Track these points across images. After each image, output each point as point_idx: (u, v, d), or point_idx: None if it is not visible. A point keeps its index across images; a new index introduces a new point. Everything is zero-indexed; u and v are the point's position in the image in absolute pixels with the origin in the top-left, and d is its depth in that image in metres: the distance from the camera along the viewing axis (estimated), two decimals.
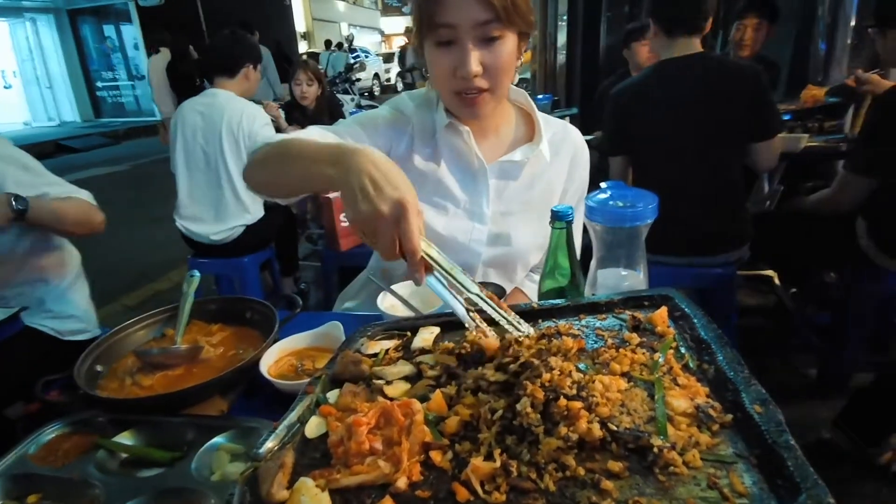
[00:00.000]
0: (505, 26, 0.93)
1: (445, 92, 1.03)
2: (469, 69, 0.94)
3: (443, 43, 0.95)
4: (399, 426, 0.52)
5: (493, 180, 1.15)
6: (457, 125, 1.09)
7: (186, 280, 1.10)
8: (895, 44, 1.84)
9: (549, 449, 0.46)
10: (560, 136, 1.20)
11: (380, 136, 1.11)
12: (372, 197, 0.63)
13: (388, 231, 0.62)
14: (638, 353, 0.57)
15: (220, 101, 2.49)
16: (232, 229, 2.61)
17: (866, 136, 1.90)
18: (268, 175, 0.92)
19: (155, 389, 0.87)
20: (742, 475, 0.42)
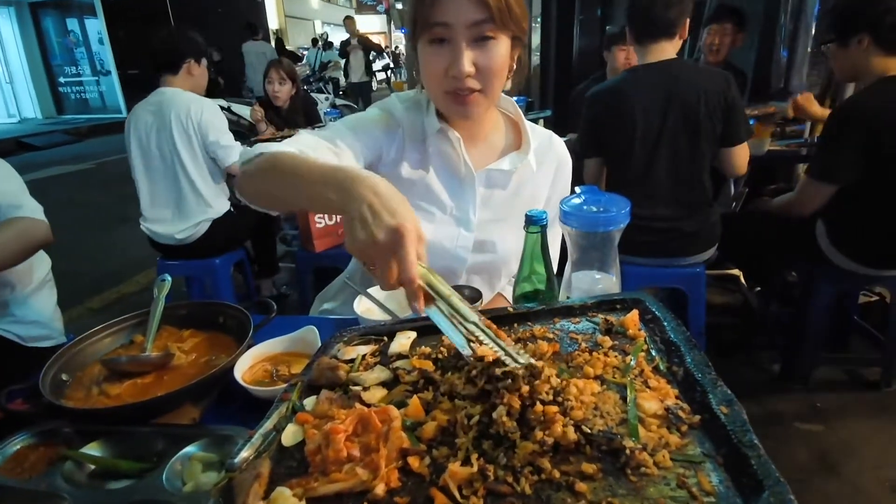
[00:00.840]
0: (499, 28, 0.94)
1: (437, 91, 1.02)
2: (462, 68, 0.94)
3: (436, 41, 0.95)
4: (377, 433, 0.52)
5: (481, 188, 1.15)
6: (447, 131, 1.09)
7: (157, 284, 1.08)
8: (848, 61, 1.93)
9: (525, 453, 0.47)
10: (545, 145, 1.21)
11: (371, 140, 1.09)
12: (369, 224, 0.62)
13: (385, 259, 0.61)
14: (610, 357, 0.59)
15: (168, 97, 2.46)
16: (196, 226, 2.56)
17: (824, 145, 1.99)
18: (263, 188, 0.90)
19: (123, 399, 0.84)
20: (709, 474, 0.43)
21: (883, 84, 1.83)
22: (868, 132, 1.81)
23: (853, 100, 1.96)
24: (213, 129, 2.46)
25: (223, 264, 2.79)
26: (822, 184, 1.95)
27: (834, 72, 2.08)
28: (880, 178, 1.87)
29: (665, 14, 1.91)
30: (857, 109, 1.87)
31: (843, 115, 1.92)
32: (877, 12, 1.79)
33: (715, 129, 1.98)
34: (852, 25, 1.86)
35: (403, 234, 0.61)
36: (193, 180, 2.49)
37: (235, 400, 0.89)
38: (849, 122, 1.86)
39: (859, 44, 1.85)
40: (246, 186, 0.93)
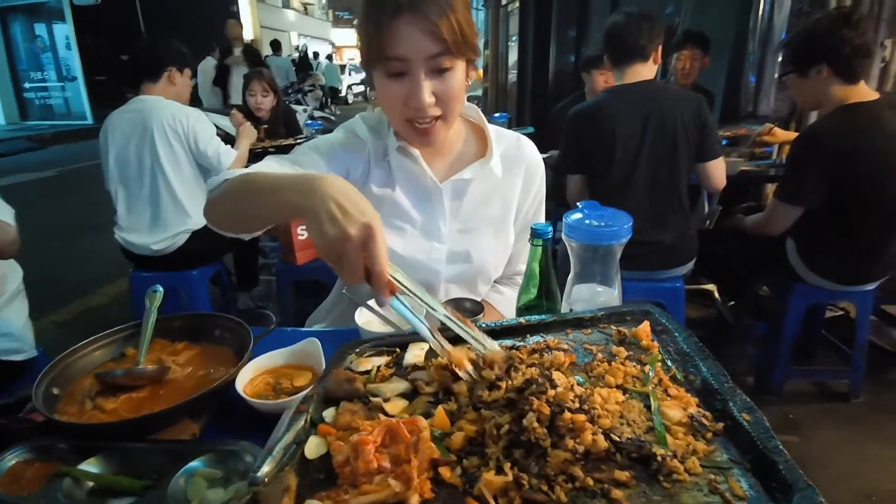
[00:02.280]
0: (455, 57, 0.95)
1: (397, 119, 1.03)
2: (423, 100, 0.95)
3: (393, 74, 0.96)
4: (406, 444, 0.52)
5: (448, 198, 1.16)
6: (407, 148, 1.10)
7: (148, 296, 1.05)
8: (808, 90, 2.04)
9: (558, 461, 0.48)
10: (513, 150, 1.21)
11: (337, 162, 1.10)
12: (339, 220, 0.63)
13: (355, 254, 0.62)
14: (628, 366, 0.60)
15: (149, 105, 2.41)
16: (174, 237, 2.50)
17: (791, 168, 2.09)
18: (230, 210, 0.91)
19: (119, 413, 0.81)
20: (739, 480, 0.45)
21: (843, 111, 1.93)
22: (830, 158, 1.91)
23: (815, 127, 2.06)
24: (204, 137, 2.42)
25: (200, 277, 2.73)
26: (790, 206, 2.05)
27: (796, 101, 2.19)
28: (844, 200, 1.97)
29: (637, 39, 2.01)
30: (819, 136, 1.98)
31: (806, 141, 2.02)
32: (834, 44, 1.89)
33: (691, 146, 2.08)
34: (811, 57, 1.96)
35: (374, 230, 0.63)
36: (174, 190, 2.44)
37: (236, 414, 0.87)
38: (812, 149, 1.96)
39: (818, 74, 1.95)
40: (213, 213, 0.94)
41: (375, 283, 0.63)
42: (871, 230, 2.01)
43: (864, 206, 1.97)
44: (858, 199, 1.95)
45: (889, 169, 1.90)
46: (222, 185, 0.90)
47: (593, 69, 3.06)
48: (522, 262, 1.30)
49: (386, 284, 0.63)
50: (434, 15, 0.90)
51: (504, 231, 1.22)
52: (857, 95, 1.94)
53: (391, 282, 0.64)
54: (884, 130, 1.89)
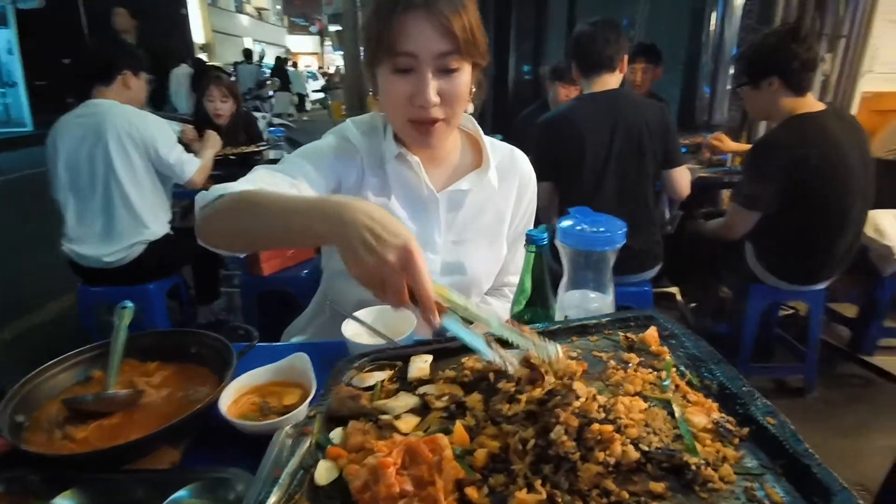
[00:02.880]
0: (464, 58, 0.95)
1: (398, 119, 1.01)
2: (428, 99, 0.94)
3: (400, 70, 0.94)
4: (428, 464, 0.49)
5: (444, 209, 1.14)
6: (406, 155, 1.08)
7: (117, 312, 0.97)
8: (760, 102, 2.15)
9: (590, 475, 0.46)
10: (507, 161, 1.21)
11: (329, 170, 1.06)
12: (374, 247, 0.61)
13: (397, 279, 0.61)
14: (643, 373, 0.59)
15: (103, 109, 2.28)
16: (129, 248, 2.37)
17: (748, 176, 2.19)
18: (231, 229, 0.86)
19: (91, 442, 0.74)
20: (774, 486, 0.45)
21: (793, 121, 2.04)
22: (784, 165, 2.01)
23: (769, 136, 2.17)
24: (164, 144, 2.31)
25: (157, 291, 2.59)
26: (748, 211, 2.14)
27: (748, 111, 2.30)
28: (797, 205, 2.07)
29: (605, 50, 2.07)
30: (773, 145, 2.08)
31: (761, 150, 2.13)
32: (785, 58, 2.00)
33: (656, 153, 2.14)
34: (763, 70, 2.06)
35: (413, 252, 0.61)
36: (129, 199, 2.30)
37: (220, 438, 0.82)
38: (767, 157, 2.06)
39: (770, 86, 2.06)
40: (208, 231, 0.89)
41: (421, 305, 0.61)
42: (821, 233, 2.12)
43: (814, 211, 2.07)
44: (809, 204, 2.06)
45: (836, 176, 2.01)
46: (217, 201, 0.85)
47: (558, 81, 3.13)
48: (512, 274, 1.30)
49: (433, 305, 0.61)
50: (448, 11, 0.89)
51: (497, 242, 1.21)
52: (805, 106, 2.05)
53: (438, 301, 0.62)
54: (830, 140, 2.00)
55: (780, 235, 2.17)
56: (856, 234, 2.18)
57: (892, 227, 2.58)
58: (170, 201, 2.58)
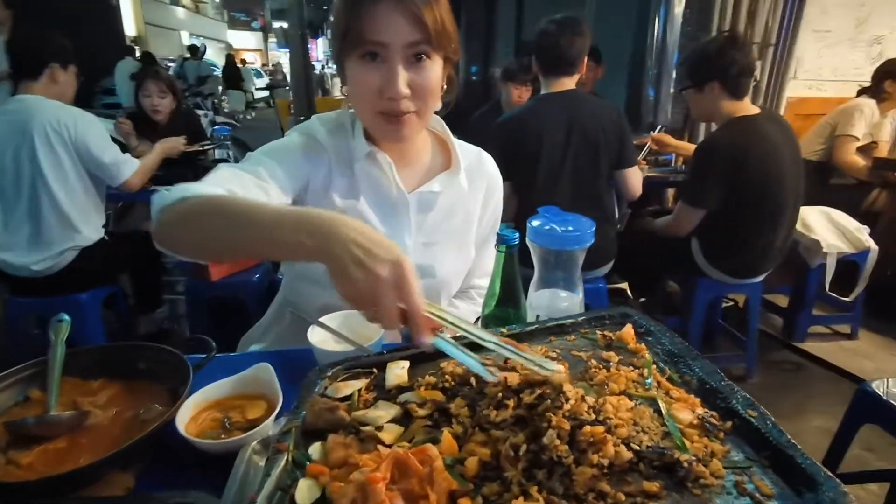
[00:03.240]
0: (434, 49, 0.93)
1: (368, 111, 0.98)
2: (399, 90, 0.91)
3: (369, 59, 0.92)
4: (419, 476, 0.47)
5: (414, 211, 1.11)
6: (376, 154, 1.05)
7: (52, 326, 0.89)
8: (702, 104, 2.26)
9: (585, 478, 0.45)
10: (475, 164, 1.20)
11: (297, 169, 1.01)
12: (365, 263, 0.58)
13: (389, 296, 0.58)
14: (626, 371, 0.60)
15: (29, 106, 2.11)
16: (59, 255, 2.20)
17: (692, 176, 2.30)
18: (196, 238, 0.79)
19: (35, 468, 0.67)
20: (762, 478, 0.46)
21: (733, 124, 2.16)
22: (726, 165, 2.12)
23: (712, 138, 2.29)
24: (97, 143, 2.15)
25: (91, 301, 2.41)
26: (694, 209, 2.24)
27: (691, 113, 2.41)
28: (737, 203, 2.19)
29: (568, 51, 2.10)
30: (716, 146, 2.20)
31: (705, 150, 2.24)
32: (724, 64, 2.12)
33: (611, 153, 2.20)
34: (704, 74, 2.18)
35: (405, 267, 0.59)
36: (58, 202, 2.13)
37: (177, 459, 0.76)
38: (711, 157, 2.18)
39: (711, 90, 2.17)
40: (168, 237, 0.81)
41: (413, 324, 0.58)
42: (760, 229, 2.25)
43: (752, 208, 2.20)
44: (748, 201, 2.18)
45: (772, 175, 2.15)
46: (180, 204, 0.78)
47: (510, 81, 3.16)
48: (478, 276, 1.29)
49: (425, 323, 0.58)
50: (418, 1, 0.87)
51: (466, 245, 1.20)
52: (743, 110, 2.17)
53: (429, 318, 0.59)
54: (766, 141, 2.13)
55: (724, 232, 2.28)
56: (789, 230, 2.33)
57: (817, 223, 2.78)
58: (103, 203, 2.41)
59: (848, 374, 2.62)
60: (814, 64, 3.69)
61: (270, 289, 2.57)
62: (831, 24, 3.61)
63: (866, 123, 3.14)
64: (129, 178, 2.27)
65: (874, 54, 3.79)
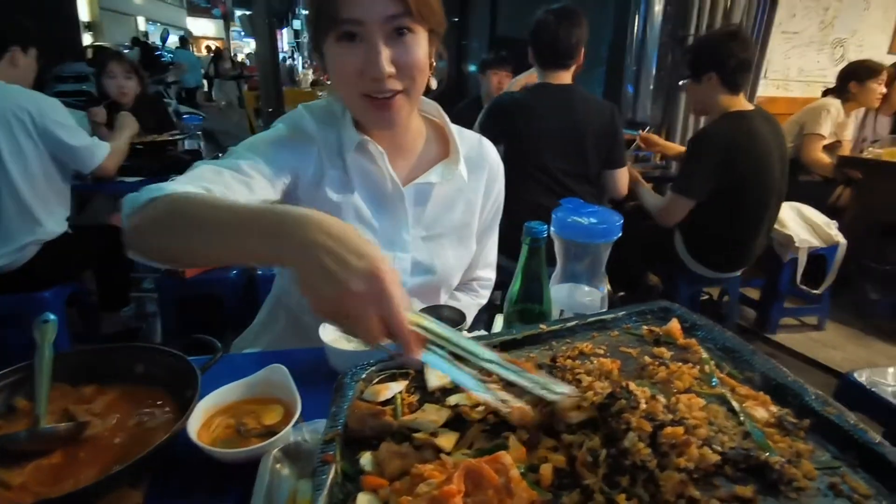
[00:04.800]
0: (416, 21, 0.86)
1: (352, 95, 0.91)
2: (381, 69, 0.84)
3: (346, 40, 0.85)
4: (495, 487, 0.43)
5: (410, 204, 1.05)
6: (368, 144, 0.98)
7: (37, 327, 0.81)
8: (700, 95, 2.28)
9: (673, 483, 0.43)
10: (476, 151, 1.15)
11: (283, 162, 0.93)
12: (336, 275, 0.51)
13: (366, 312, 0.51)
14: (687, 369, 0.57)
15: None
16: (20, 250, 2.05)
17: (685, 165, 2.32)
18: (162, 245, 0.71)
19: (30, 489, 0.60)
20: (855, 478, 0.44)
21: (728, 118, 2.19)
22: (718, 157, 2.15)
23: (707, 129, 2.31)
24: (62, 129, 2.00)
25: (54, 299, 2.25)
26: (684, 198, 2.25)
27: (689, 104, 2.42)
28: (726, 197, 2.22)
29: (567, 42, 2.07)
30: (708, 139, 2.23)
31: (697, 143, 2.27)
32: (723, 55, 2.14)
33: (601, 152, 2.19)
34: (703, 64, 2.20)
35: (382, 277, 0.51)
36: (19, 192, 1.98)
37: (186, 470, 0.70)
38: (705, 148, 2.20)
39: (709, 81, 2.19)
40: (138, 242, 0.73)
41: (399, 341, 0.52)
42: (744, 225, 2.30)
43: (738, 203, 2.24)
44: (735, 195, 2.22)
45: (760, 171, 2.19)
46: (147, 205, 0.70)
47: (489, 70, 3.15)
48: (481, 268, 1.25)
49: (411, 341, 0.52)
50: None
51: (467, 237, 1.15)
52: (739, 105, 2.21)
53: (416, 333, 0.53)
54: (758, 138, 2.17)
55: (708, 227, 2.32)
56: (770, 225, 2.40)
57: (791, 219, 2.87)
58: (69, 194, 2.25)
59: (818, 363, 2.72)
60: (782, 65, 3.81)
61: (248, 286, 2.46)
62: (798, 25, 3.74)
63: (832, 123, 3.26)
64: (104, 162, 2.13)
65: (837, 56, 3.95)
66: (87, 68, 6.75)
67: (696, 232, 2.38)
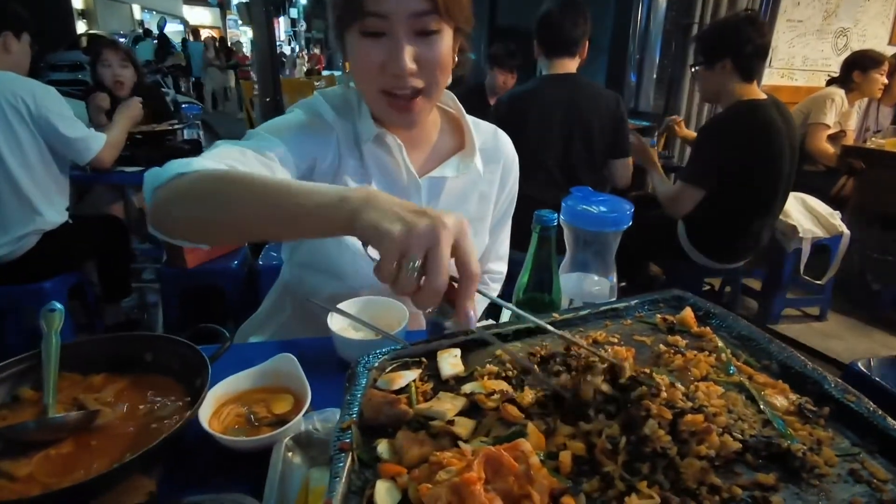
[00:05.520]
0: (443, 19, 0.84)
1: (372, 91, 0.90)
2: (403, 66, 0.83)
3: (370, 34, 0.84)
4: (515, 474, 0.43)
5: (425, 196, 1.05)
6: (385, 136, 0.97)
7: (44, 316, 0.80)
8: (712, 82, 2.23)
9: (694, 471, 0.42)
10: (491, 143, 1.14)
11: (301, 148, 0.92)
12: (427, 212, 0.50)
13: (447, 245, 0.49)
14: (704, 357, 0.57)
15: None
16: (20, 240, 2.04)
17: (696, 154, 2.28)
18: (194, 216, 0.69)
19: (38, 479, 0.59)
20: (874, 463, 0.44)
21: (741, 106, 2.14)
22: (729, 145, 2.12)
23: (719, 117, 2.27)
24: (59, 118, 1.98)
25: (56, 289, 2.24)
26: (693, 187, 2.21)
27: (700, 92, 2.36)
28: (734, 187, 2.19)
29: (572, 32, 2.06)
30: (720, 127, 2.19)
31: (709, 130, 2.24)
32: (739, 41, 2.09)
33: (605, 141, 2.18)
34: (718, 51, 2.14)
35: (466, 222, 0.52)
36: (17, 182, 1.96)
37: (197, 458, 0.70)
38: (714, 137, 2.17)
39: (723, 68, 2.14)
40: (165, 218, 0.72)
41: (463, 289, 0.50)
42: (749, 216, 2.28)
43: (744, 194, 2.22)
44: (742, 187, 2.19)
45: (770, 162, 2.16)
46: (175, 181, 0.69)
47: (496, 67, 3.13)
48: (493, 261, 1.25)
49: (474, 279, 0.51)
50: None
51: (481, 230, 1.14)
52: (752, 94, 2.16)
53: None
54: (770, 127, 2.13)
55: (712, 217, 2.29)
56: (776, 217, 2.38)
57: (793, 208, 2.87)
58: (67, 183, 2.23)
59: (820, 354, 2.73)
60: (786, 53, 3.78)
61: (249, 277, 2.45)
62: (803, 14, 3.71)
63: (836, 112, 3.25)
64: (100, 154, 2.11)
65: (840, 45, 3.92)
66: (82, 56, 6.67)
67: (698, 222, 2.36)
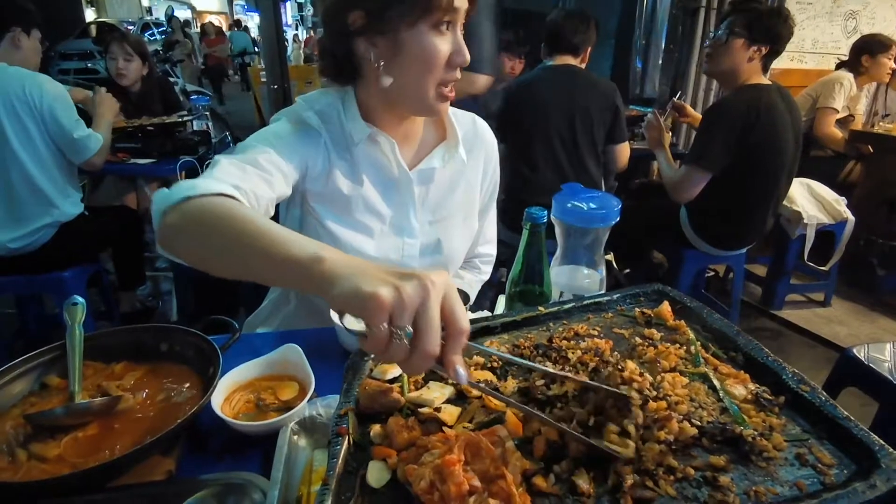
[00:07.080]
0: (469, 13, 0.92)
1: (430, 84, 0.91)
2: (466, 57, 0.90)
3: (438, 27, 0.88)
4: (492, 457, 0.47)
5: (417, 188, 1.08)
6: (378, 136, 1.00)
7: (67, 309, 0.86)
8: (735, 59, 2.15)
9: (654, 454, 0.47)
10: (471, 132, 1.17)
11: (293, 155, 0.96)
12: (415, 272, 0.47)
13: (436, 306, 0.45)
14: (674, 349, 0.61)
15: None
16: (37, 232, 2.10)
17: (701, 136, 2.27)
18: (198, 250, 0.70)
19: (67, 460, 0.66)
20: (821, 449, 0.48)
21: (747, 90, 2.14)
22: (735, 128, 2.11)
23: (724, 101, 2.26)
24: (65, 116, 2.02)
25: (75, 279, 2.31)
26: (699, 169, 2.20)
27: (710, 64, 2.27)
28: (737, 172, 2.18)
29: (572, 38, 2.18)
30: (726, 109, 2.18)
31: (715, 112, 2.24)
32: (783, 33, 2.10)
33: (604, 127, 2.25)
34: (763, 34, 2.10)
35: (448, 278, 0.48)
36: (31, 176, 2.02)
37: (212, 440, 0.76)
38: (720, 119, 2.17)
39: (757, 51, 2.11)
40: (171, 241, 0.72)
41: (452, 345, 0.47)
42: (752, 202, 2.29)
43: (748, 179, 2.22)
44: (745, 171, 2.18)
45: (774, 148, 2.16)
46: (185, 204, 0.70)
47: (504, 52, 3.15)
48: (482, 244, 1.29)
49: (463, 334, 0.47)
50: None
51: (471, 217, 1.19)
52: (759, 79, 2.17)
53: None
54: (775, 112, 2.13)
55: (715, 204, 2.30)
56: (779, 203, 2.39)
57: (800, 195, 2.86)
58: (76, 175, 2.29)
59: (823, 339, 2.75)
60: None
61: None
62: None
63: (845, 96, 3.21)
64: (93, 157, 2.14)
65: (850, 28, 3.86)
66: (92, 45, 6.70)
67: (701, 209, 2.38)
